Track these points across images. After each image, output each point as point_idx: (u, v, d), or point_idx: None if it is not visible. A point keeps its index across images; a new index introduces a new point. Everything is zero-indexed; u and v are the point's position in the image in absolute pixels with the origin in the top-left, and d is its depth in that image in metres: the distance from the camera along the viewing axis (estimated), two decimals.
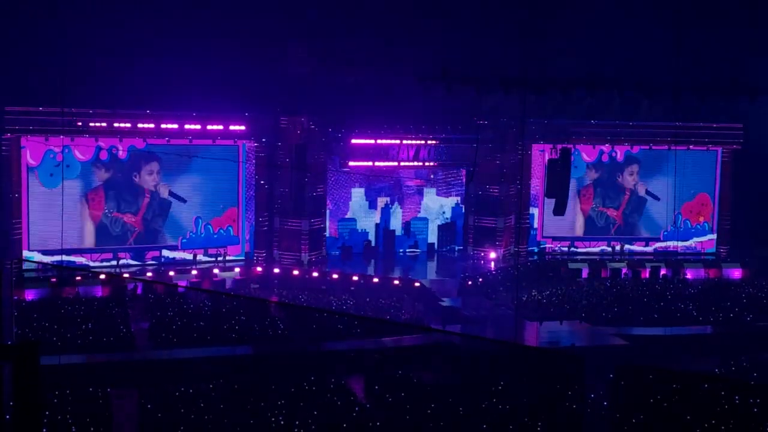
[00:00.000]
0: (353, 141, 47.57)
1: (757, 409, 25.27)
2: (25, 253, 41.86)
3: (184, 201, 45.43)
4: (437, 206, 51.94)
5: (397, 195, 51.18)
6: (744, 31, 45.11)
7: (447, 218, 51.79)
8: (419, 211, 51.58)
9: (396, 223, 50.85)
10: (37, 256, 42.00)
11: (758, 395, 26.00)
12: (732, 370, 29.83)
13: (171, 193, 45.19)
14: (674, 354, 33.55)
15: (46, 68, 38.30)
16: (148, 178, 44.79)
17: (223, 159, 44.98)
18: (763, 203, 48.85)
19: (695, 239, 52.30)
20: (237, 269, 44.85)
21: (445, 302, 40.95)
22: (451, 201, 52.05)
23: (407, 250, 50.92)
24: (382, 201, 50.77)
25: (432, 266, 49.75)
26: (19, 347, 5.55)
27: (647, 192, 51.55)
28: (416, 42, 44.39)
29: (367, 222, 50.35)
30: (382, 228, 50.42)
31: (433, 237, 51.57)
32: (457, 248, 51.51)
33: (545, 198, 47.10)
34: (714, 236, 52.26)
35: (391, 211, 50.81)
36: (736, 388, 27.56)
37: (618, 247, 50.90)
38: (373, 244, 50.21)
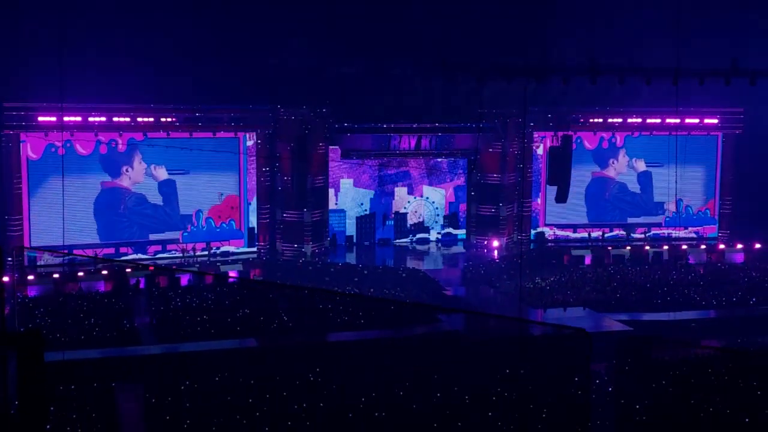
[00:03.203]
0: (355, 131, 47.46)
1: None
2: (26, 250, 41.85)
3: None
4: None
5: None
6: (744, 13, 45.06)
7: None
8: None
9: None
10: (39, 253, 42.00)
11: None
12: (737, 359, 29.78)
13: (171, 172, 45.19)
14: (678, 338, 33.59)
15: (44, 64, 38.24)
16: (140, 167, 44.74)
17: (224, 151, 44.92)
18: (763, 186, 48.85)
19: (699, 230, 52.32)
20: (240, 263, 44.85)
21: (449, 291, 40.93)
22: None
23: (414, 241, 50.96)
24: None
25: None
26: (23, 334, 5.52)
27: (647, 165, 51.53)
28: (416, 31, 44.30)
29: None
30: None
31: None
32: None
33: (547, 185, 47.10)
34: (715, 225, 52.26)
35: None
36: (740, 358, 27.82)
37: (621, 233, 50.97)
38: None
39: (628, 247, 48.33)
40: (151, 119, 43.84)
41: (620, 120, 50.34)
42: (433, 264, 47.26)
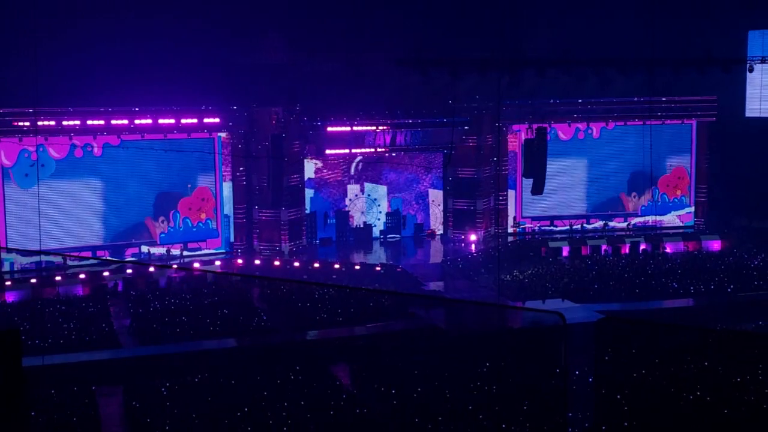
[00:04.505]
0: (329, 129, 47.34)
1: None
2: (3, 255, 41.56)
3: None
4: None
5: None
6: (715, 3, 45.32)
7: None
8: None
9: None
10: (16, 258, 41.72)
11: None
12: (713, 340, 29.97)
13: None
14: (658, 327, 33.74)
15: (16, 68, 38.05)
16: None
17: (199, 151, 44.74)
18: (738, 174, 49.16)
19: (673, 213, 52.44)
20: (218, 262, 44.73)
21: (428, 286, 40.96)
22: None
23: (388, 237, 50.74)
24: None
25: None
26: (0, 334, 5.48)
27: None
28: (390, 26, 44.29)
29: None
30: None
31: None
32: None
33: (523, 178, 47.17)
34: (692, 209, 52.42)
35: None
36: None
37: (599, 224, 51.08)
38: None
39: (605, 238, 48.52)
40: (126, 122, 43.60)
41: (592, 110, 50.52)
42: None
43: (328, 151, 48.03)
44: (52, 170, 42.69)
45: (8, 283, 39.73)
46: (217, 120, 45.48)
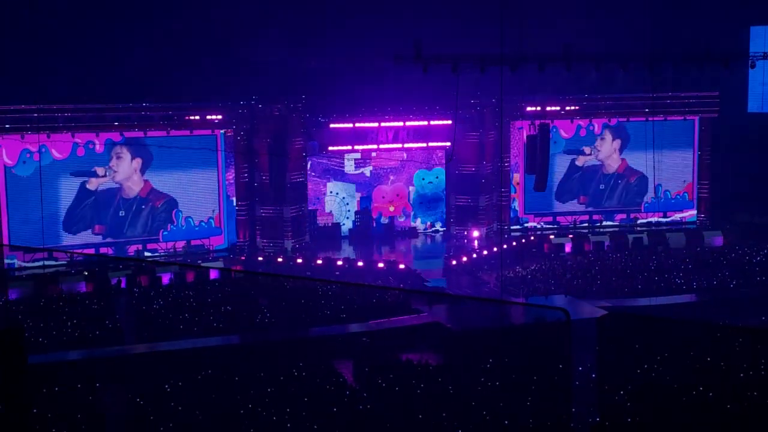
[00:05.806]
0: (332, 125, 47.37)
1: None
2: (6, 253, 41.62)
3: None
4: None
5: None
6: None
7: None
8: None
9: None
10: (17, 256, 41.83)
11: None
12: (717, 336, 29.95)
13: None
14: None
15: (18, 65, 38.08)
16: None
17: (202, 148, 44.76)
18: (740, 169, 49.12)
19: (678, 215, 52.41)
20: (221, 260, 44.76)
21: (430, 282, 40.96)
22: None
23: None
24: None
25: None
26: (4, 333, 5.49)
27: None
28: (391, 23, 44.26)
29: None
30: None
31: None
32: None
33: (525, 174, 47.16)
34: (694, 210, 52.41)
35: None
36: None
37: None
38: None
39: (608, 233, 48.49)
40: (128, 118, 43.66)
41: (594, 106, 50.47)
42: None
43: (330, 148, 48.07)
44: (55, 170, 42.69)
45: (11, 281, 39.76)
46: (219, 117, 45.50)
